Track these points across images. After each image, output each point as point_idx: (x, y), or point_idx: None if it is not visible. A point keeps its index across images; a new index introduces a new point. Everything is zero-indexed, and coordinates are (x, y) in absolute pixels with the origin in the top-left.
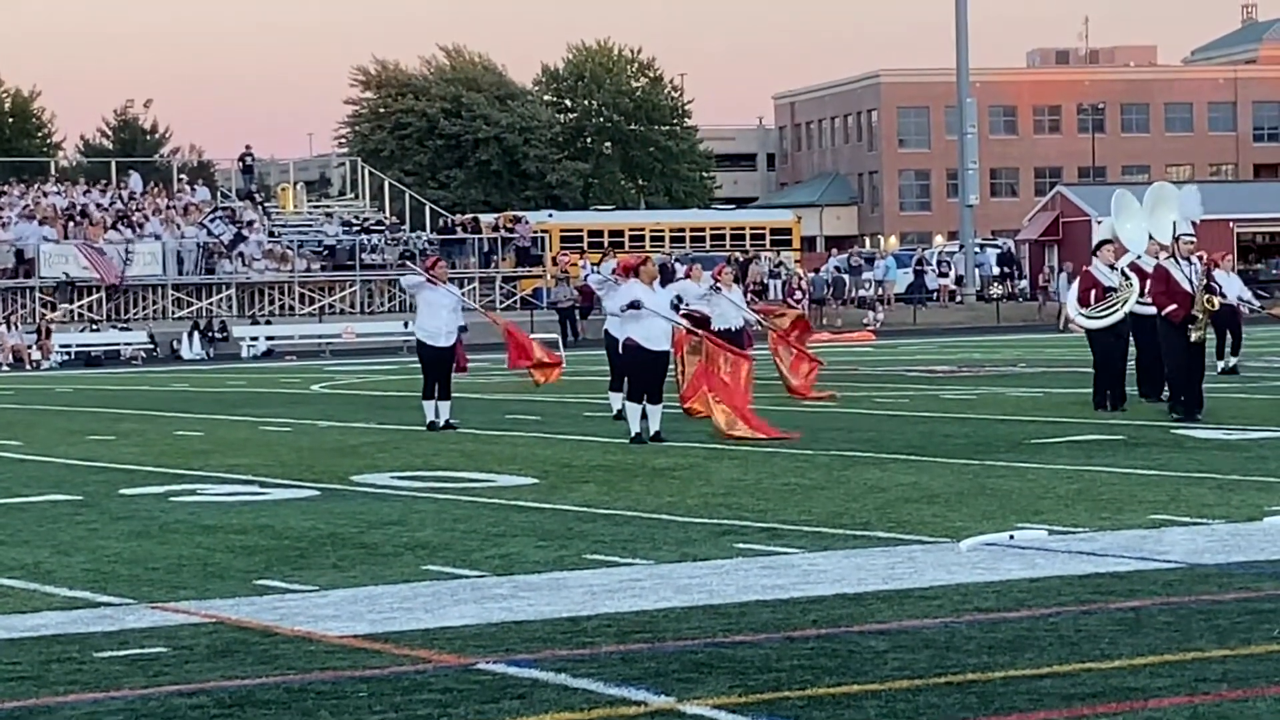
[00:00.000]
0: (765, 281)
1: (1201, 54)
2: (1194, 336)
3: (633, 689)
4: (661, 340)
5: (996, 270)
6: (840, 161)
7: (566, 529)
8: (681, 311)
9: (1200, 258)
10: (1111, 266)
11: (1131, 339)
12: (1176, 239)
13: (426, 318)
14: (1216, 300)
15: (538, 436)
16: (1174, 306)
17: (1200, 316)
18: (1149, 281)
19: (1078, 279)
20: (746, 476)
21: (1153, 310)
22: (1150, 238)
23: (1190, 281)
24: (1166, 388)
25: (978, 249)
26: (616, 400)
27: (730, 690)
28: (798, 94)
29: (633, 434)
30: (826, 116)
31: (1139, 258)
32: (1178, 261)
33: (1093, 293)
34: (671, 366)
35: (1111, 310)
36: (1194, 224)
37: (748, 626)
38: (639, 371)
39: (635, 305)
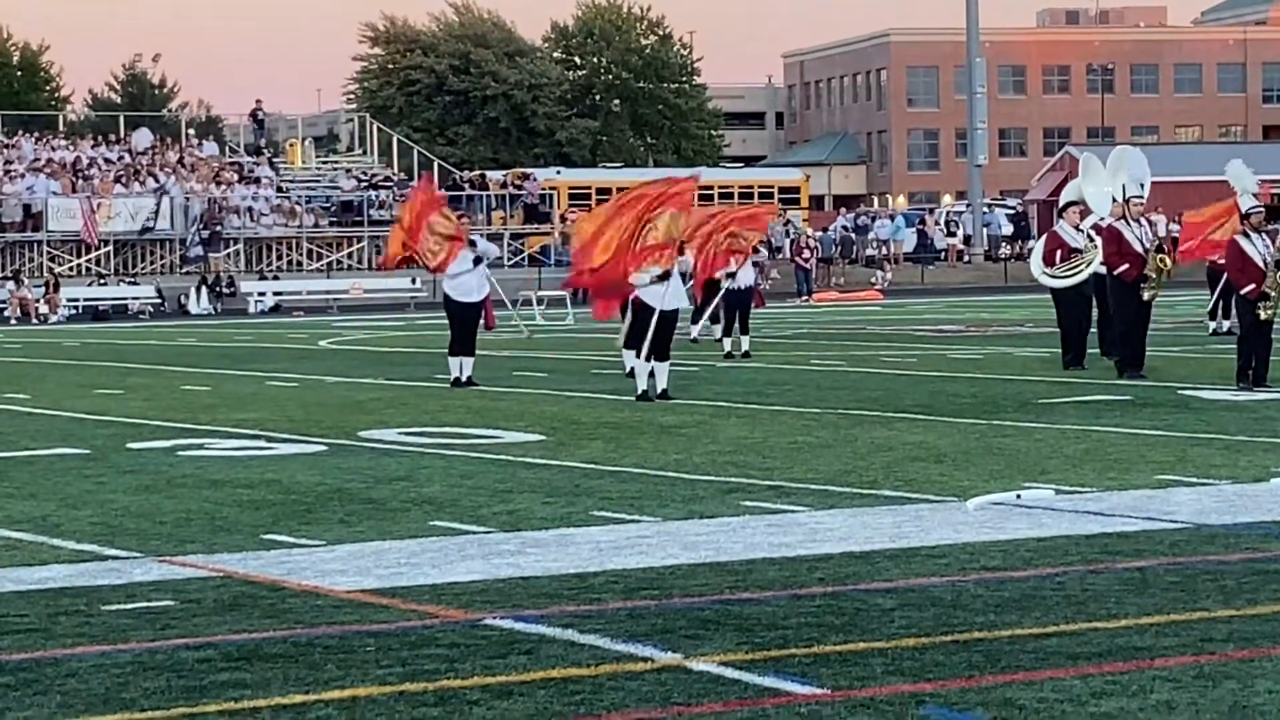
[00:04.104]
0: (774, 241)
1: (1212, 15)
2: (1146, 295)
3: (639, 645)
4: (672, 299)
5: (1010, 230)
6: (849, 120)
7: (574, 486)
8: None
9: (1149, 219)
10: (1077, 228)
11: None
12: (1127, 200)
13: (457, 272)
14: (1169, 260)
15: (545, 393)
16: (1126, 266)
17: (1153, 276)
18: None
19: (1044, 239)
20: (753, 435)
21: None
22: (1114, 200)
23: (1142, 242)
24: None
25: (986, 209)
26: (630, 358)
27: (737, 647)
28: (807, 53)
29: (640, 391)
30: (835, 75)
31: (1101, 220)
32: (1129, 223)
33: (1058, 253)
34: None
35: (1075, 270)
36: (1141, 185)
37: (754, 584)
38: (647, 329)
39: (664, 276)
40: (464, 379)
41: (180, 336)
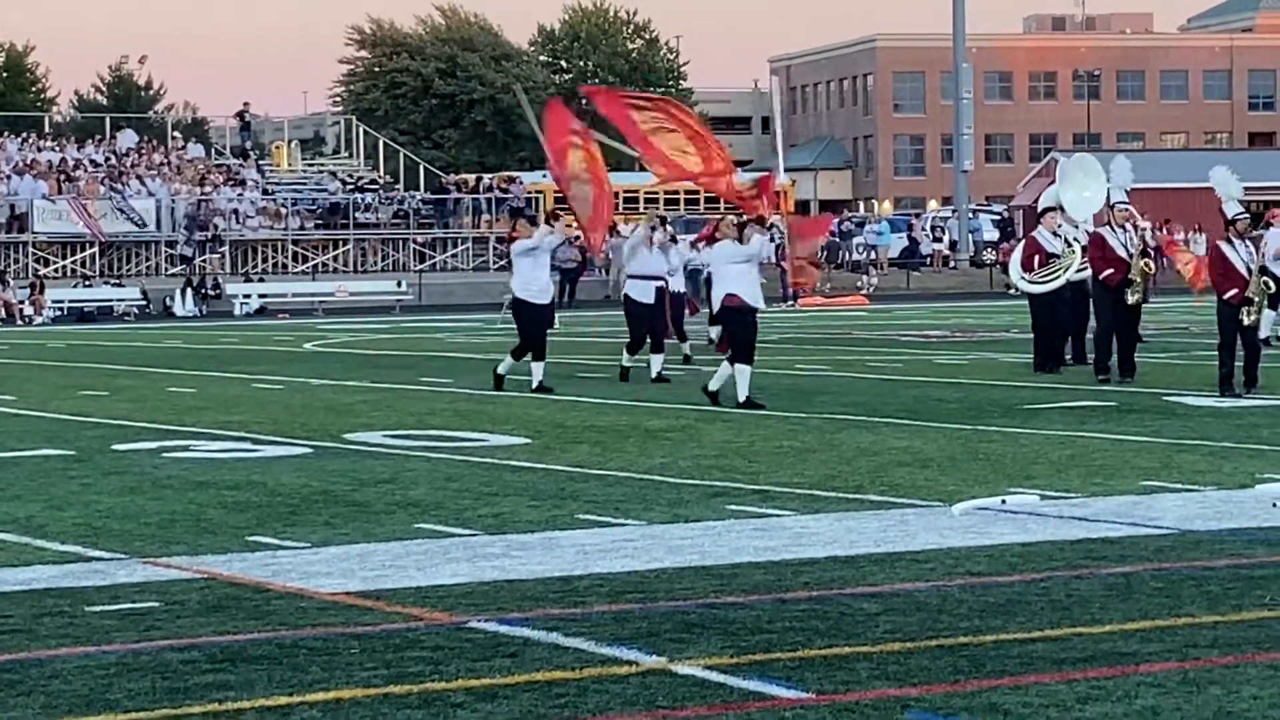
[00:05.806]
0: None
1: (1198, 22)
2: (1130, 300)
3: (624, 649)
4: (760, 299)
5: (995, 236)
6: (835, 126)
7: (559, 489)
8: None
9: (1134, 225)
10: (1055, 234)
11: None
12: (1111, 207)
13: (531, 274)
14: (1151, 265)
15: (531, 397)
16: (1110, 271)
17: (1136, 280)
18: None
19: (1022, 244)
20: (739, 439)
21: (1089, 276)
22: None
23: (1125, 248)
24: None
25: (971, 214)
26: (627, 360)
27: (722, 651)
28: (794, 58)
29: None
30: (822, 80)
31: (1077, 225)
32: (1113, 229)
33: (1035, 258)
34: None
35: (1053, 276)
36: (1126, 192)
37: (739, 588)
38: (740, 329)
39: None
40: (537, 384)
41: (165, 338)
